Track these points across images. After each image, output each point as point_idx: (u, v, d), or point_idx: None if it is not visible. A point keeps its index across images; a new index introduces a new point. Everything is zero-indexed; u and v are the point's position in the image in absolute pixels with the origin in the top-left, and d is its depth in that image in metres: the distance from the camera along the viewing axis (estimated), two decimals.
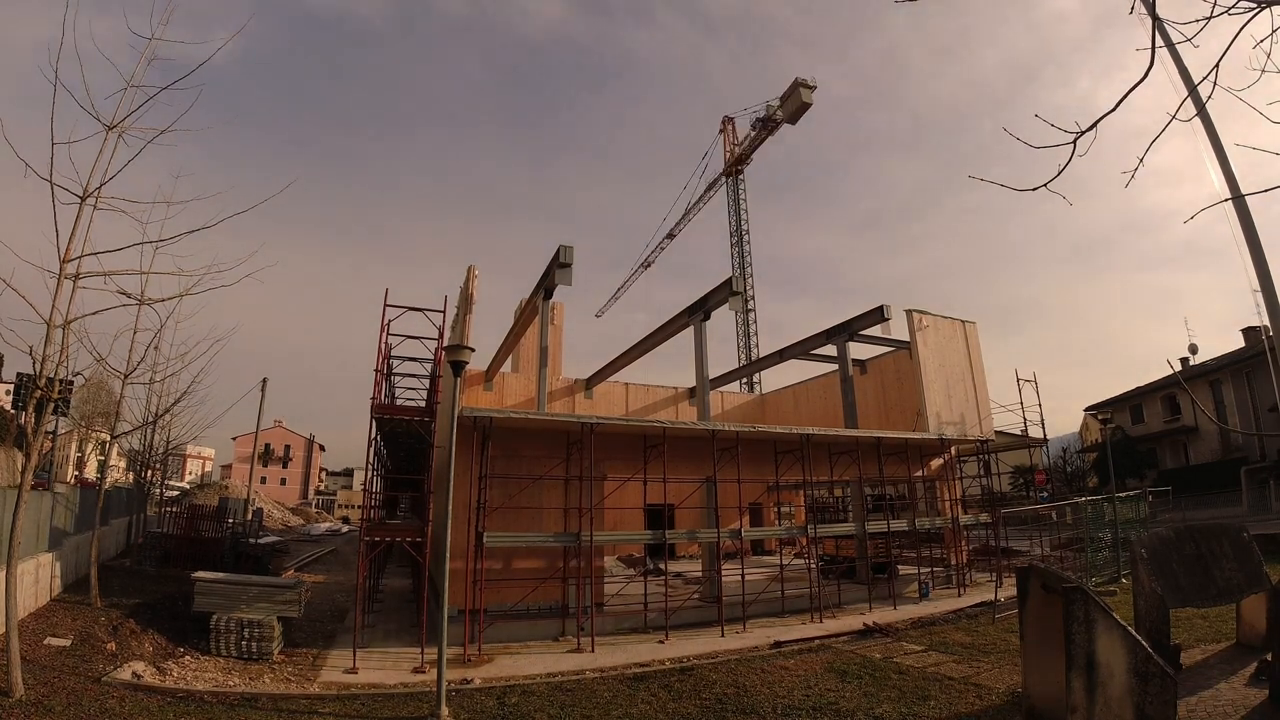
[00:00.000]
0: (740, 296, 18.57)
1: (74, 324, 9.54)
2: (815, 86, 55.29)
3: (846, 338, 23.18)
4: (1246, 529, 11.05)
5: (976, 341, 24.38)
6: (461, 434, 13.25)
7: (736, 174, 61.66)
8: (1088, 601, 7.06)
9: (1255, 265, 8.72)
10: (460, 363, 9.87)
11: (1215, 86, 3.94)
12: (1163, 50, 4.06)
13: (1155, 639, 8.75)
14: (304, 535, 47.21)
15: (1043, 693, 7.73)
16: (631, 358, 25.60)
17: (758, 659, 12.19)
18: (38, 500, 13.10)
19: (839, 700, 9.54)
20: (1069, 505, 21.91)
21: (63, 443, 32.20)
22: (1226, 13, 3.78)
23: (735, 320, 58.96)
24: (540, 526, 14.71)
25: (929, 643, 13.11)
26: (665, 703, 9.65)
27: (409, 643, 13.37)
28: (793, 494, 26.64)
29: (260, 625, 12.05)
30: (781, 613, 16.15)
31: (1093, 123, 4.02)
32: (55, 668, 9.87)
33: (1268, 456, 30.79)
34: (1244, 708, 8.28)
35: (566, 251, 16.51)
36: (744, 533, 16.06)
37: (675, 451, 15.80)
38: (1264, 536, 15.92)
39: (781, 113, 56.39)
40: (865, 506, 20.22)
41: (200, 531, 23.40)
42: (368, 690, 10.41)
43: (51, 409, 10.21)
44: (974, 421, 22.87)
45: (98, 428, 22.38)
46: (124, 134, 9.87)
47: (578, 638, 13.54)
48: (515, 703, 9.67)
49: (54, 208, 9.07)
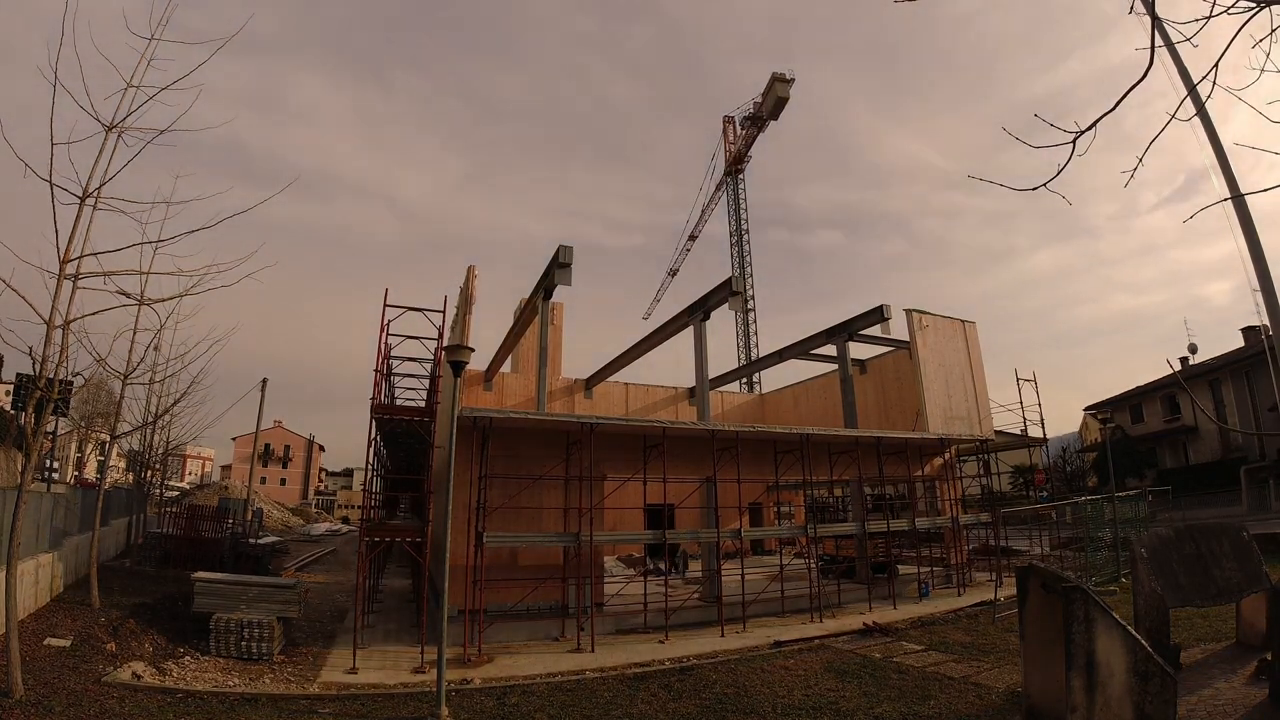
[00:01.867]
0: (740, 296, 18.57)
1: (74, 324, 9.53)
2: (793, 80, 56.26)
3: (846, 337, 23.19)
4: (1246, 528, 11.05)
5: (976, 341, 24.38)
6: (461, 434, 13.25)
7: (736, 173, 61.84)
8: (1088, 601, 7.06)
9: (1255, 265, 8.72)
10: (460, 363, 9.86)
11: (1215, 86, 3.95)
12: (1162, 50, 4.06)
13: (1155, 638, 8.75)
14: (304, 535, 47.23)
15: (1043, 692, 7.73)
16: (631, 358, 25.61)
17: (758, 659, 12.18)
18: (38, 500, 13.10)
19: (839, 700, 9.54)
20: (1069, 505, 21.91)
21: (63, 443, 32.18)
22: (1226, 12, 3.78)
23: (735, 320, 59.09)
24: (540, 526, 14.71)
25: (929, 642, 13.11)
26: (665, 703, 9.64)
27: (409, 643, 13.37)
28: (792, 494, 26.66)
29: (260, 625, 12.05)
30: (781, 612, 16.15)
31: (1092, 122, 4.02)
32: (55, 668, 9.87)
33: (1267, 456, 30.78)
34: (1244, 707, 8.28)
35: (566, 252, 16.51)
36: (744, 533, 16.06)
37: (675, 451, 15.80)
38: (1264, 536, 15.93)
39: (764, 109, 57.27)
40: (865, 506, 20.23)
41: (200, 532, 23.42)
42: (368, 690, 10.41)
43: (51, 409, 10.20)
44: (974, 421, 22.88)
45: (98, 428, 22.39)
46: (124, 134, 9.88)
47: (578, 638, 13.54)
48: (515, 703, 9.66)
49: (54, 208, 9.08)
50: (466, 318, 15.73)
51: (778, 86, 56.18)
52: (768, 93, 57.14)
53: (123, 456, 37.17)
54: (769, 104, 57.07)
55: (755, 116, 58.81)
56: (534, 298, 18.95)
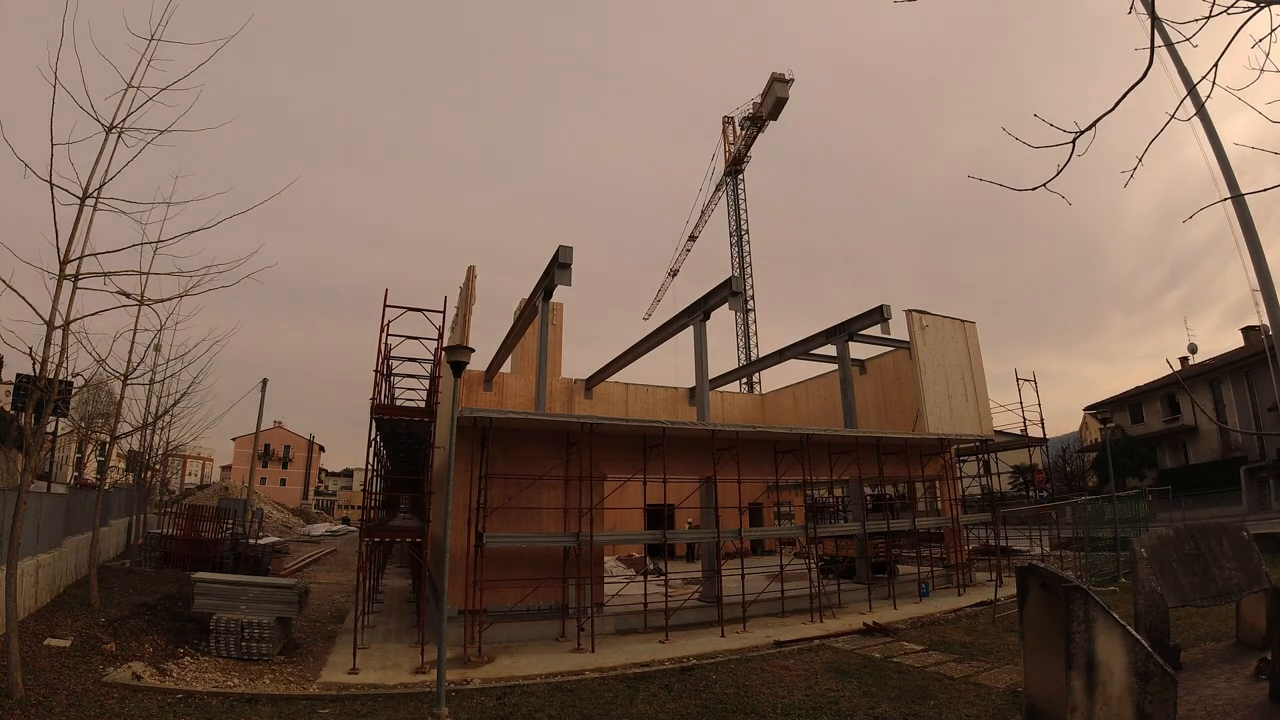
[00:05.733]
0: (740, 296, 18.57)
1: (74, 325, 9.53)
2: (792, 80, 56.21)
3: (846, 338, 23.19)
4: (1246, 528, 11.04)
5: (976, 341, 24.40)
6: (461, 434, 13.26)
7: (736, 173, 61.81)
8: (1088, 601, 7.06)
9: (1255, 265, 8.72)
10: (460, 363, 9.86)
11: (1214, 86, 3.95)
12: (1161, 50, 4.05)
13: (1155, 638, 8.75)
14: (304, 536, 47.25)
15: (1043, 692, 7.72)
16: (631, 358, 25.61)
17: (758, 659, 12.18)
18: (38, 501, 13.09)
19: (839, 700, 9.54)
20: (1069, 505, 21.92)
21: (63, 444, 32.20)
22: (1225, 12, 3.78)
23: (735, 320, 59.06)
24: (540, 527, 14.71)
25: (929, 642, 13.11)
26: (665, 703, 9.64)
27: (409, 643, 13.38)
28: (792, 494, 26.65)
29: (260, 626, 12.05)
30: (782, 612, 16.15)
31: (1091, 122, 4.02)
32: (55, 668, 9.87)
33: (1267, 456, 30.78)
34: (1244, 707, 8.27)
35: (565, 252, 16.51)
36: (744, 533, 16.05)
37: (675, 451, 15.80)
38: (1264, 535, 15.94)
39: (763, 110, 57.31)
40: (865, 506, 20.23)
41: (200, 532, 23.43)
42: (368, 690, 10.41)
43: (51, 410, 10.20)
44: (974, 421, 22.89)
45: (98, 429, 22.44)
46: (124, 134, 9.88)
47: (578, 638, 13.54)
48: (515, 703, 9.66)
49: (54, 208, 9.07)
50: (466, 318, 15.74)
51: (777, 87, 56.10)
52: (767, 93, 57.08)
53: (122, 457, 37.16)
54: (768, 104, 57.02)
55: (755, 117, 58.79)
56: (534, 298, 18.95)
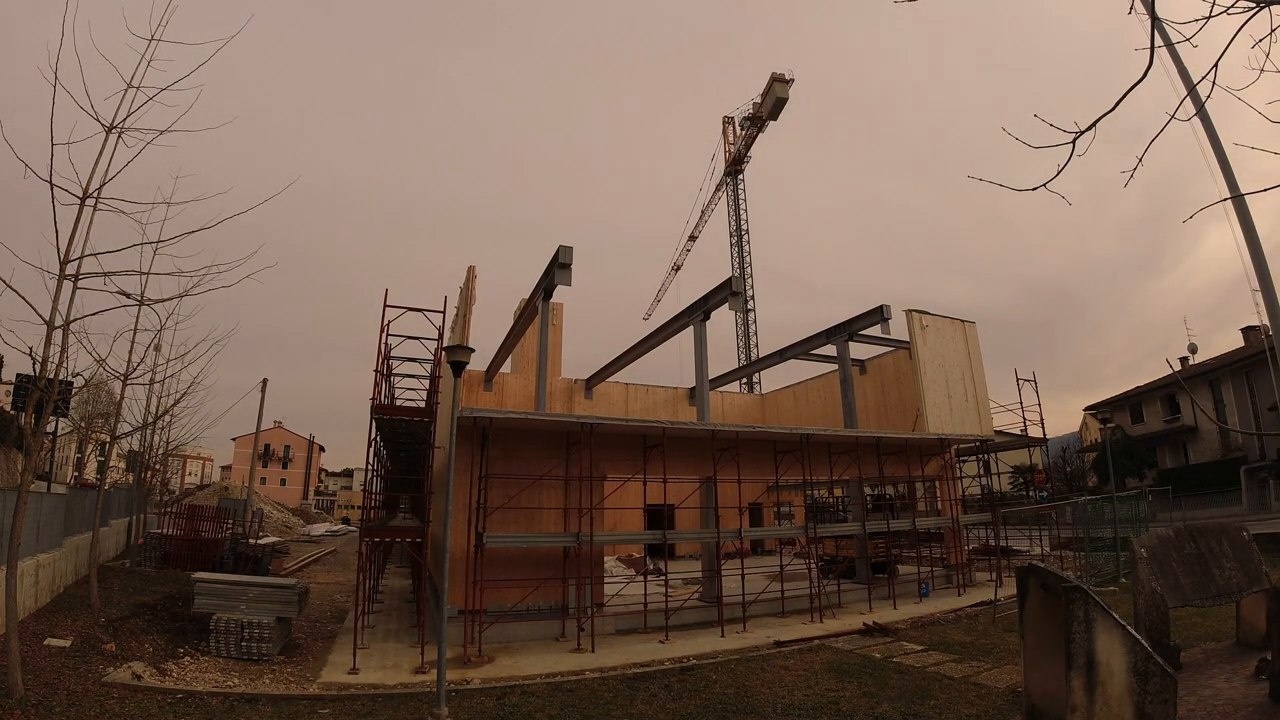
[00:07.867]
0: (740, 296, 18.57)
1: (74, 325, 9.53)
2: (792, 80, 56.17)
3: (846, 338, 23.19)
4: (1246, 528, 11.04)
5: (976, 341, 24.39)
6: (461, 434, 13.26)
7: (736, 173, 61.81)
8: (1088, 601, 7.06)
9: (1255, 265, 8.71)
10: (460, 363, 9.86)
11: (1214, 86, 3.94)
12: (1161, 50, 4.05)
13: (1155, 638, 8.75)
14: (304, 536, 47.26)
15: (1043, 692, 7.73)
16: (631, 358, 25.62)
17: (758, 659, 12.18)
18: (37, 501, 13.10)
19: (839, 700, 9.53)
20: (1069, 505, 21.92)
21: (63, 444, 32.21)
22: (1225, 12, 3.78)
23: (735, 320, 59.05)
24: (540, 527, 14.71)
25: (929, 642, 13.11)
26: (665, 703, 9.64)
27: (409, 643, 13.37)
28: (792, 494, 26.65)
29: (260, 626, 12.05)
30: (782, 613, 16.15)
31: (1091, 122, 4.02)
32: (55, 668, 9.86)
33: (1267, 456, 30.79)
34: (1244, 707, 8.27)
35: (566, 252, 16.50)
36: (744, 533, 16.05)
37: (675, 451, 15.80)
38: (1264, 536, 15.95)
39: (763, 110, 57.31)
40: (865, 506, 20.22)
41: (200, 532, 23.43)
42: (368, 690, 10.41)
43: (51, 410, 10.20)
44: (974, 421, 22.89)
45: (98, 429, 22.46)
46: (124, 134, 9.88)
47: (578, 638, 13.54)
48: (515, 703, 9.66)
49: (54, 208, 9.07)
50: (466, 318, 15.74)
51: (777, 87, 56.15)
52: (767, 93, 57.09)
53: (122, 457, 37.16)
54: (768, 104, 57.04)
55: (755, 117, 58.78)
56: (534, 298, 18.95)
